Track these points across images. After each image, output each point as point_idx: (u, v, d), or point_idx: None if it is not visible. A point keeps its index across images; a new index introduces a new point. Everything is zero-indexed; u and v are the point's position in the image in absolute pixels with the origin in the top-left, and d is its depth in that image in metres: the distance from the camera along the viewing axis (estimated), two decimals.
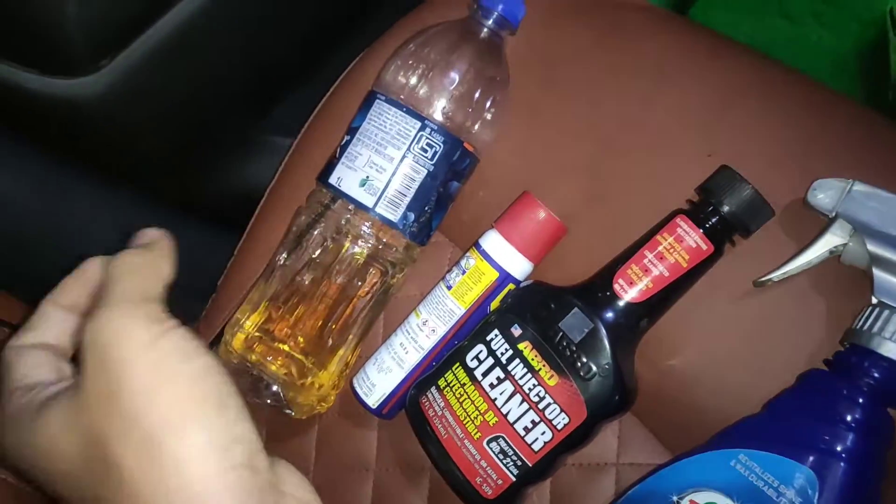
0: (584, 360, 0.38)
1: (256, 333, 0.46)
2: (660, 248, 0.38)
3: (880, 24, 0.77)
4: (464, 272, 0.44)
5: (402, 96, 0.44)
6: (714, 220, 0.38)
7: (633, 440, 0.42)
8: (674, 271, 0.38)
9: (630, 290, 0.38)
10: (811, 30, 0.86)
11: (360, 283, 0.46)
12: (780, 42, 0.86)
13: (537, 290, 0.41)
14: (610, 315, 0.38)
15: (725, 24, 0.88)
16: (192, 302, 0.58)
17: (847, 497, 0.31)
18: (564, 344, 0.38)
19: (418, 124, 0.43)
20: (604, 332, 0.38)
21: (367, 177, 0.43)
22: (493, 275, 0.43)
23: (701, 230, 0.38)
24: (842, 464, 0.31)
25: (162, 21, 0.48)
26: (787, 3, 0.87)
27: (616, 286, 0.39)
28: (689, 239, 0.38)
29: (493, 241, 0.43)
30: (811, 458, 0.32)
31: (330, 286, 0.45)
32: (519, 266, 0.43)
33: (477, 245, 0.44)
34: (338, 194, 0.44)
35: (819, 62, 0.83)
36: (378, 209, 0.43)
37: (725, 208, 0.38)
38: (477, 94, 0.44)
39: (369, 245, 0.44)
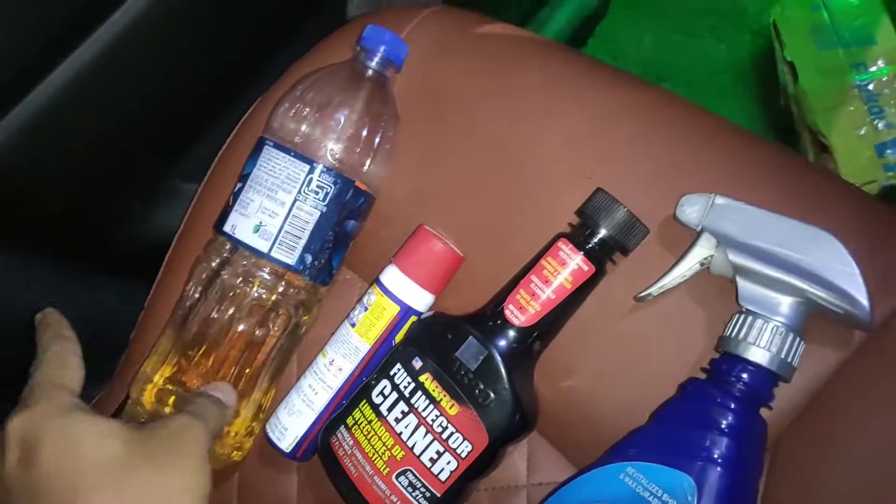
0: (482, 386, 0.39)
1: (168, 386, 0.46)
2: (545, 271, 0.40)
3: (769, 35, 0.82)
4: (366, 308, 0.44)
5: (290, 140, 0.45)
6: (593, 241, 0.40)
7: (541, 461, 0.43)
8: (560, 293, 0.39)
9: (520, 316, 0.40)
10: (709, 43, 0.90)
11: (267, 328, 0.46)
12: (680, 55, 0.90)
13: (435, 321, 0.42)
14: (503, 342, 0.40)
15: (629, 40, 0.92)
16: (108, 359, 0.57)
17: (724, 500, 0.32)
18: (462, 373, 0.39)
19: (307, 167, 0.43)
20: (498, 358, 0.39)
21: (261, 222, 0.44)
22: (395, 309, 0.44)
23: (582, 252, 0.39)
24: (719, 469, 0.33)
25: (52, 76, 0.48)
26: (686, 20, 0.91)
27: (507, 312, 0.40)
28: (571, 262, 0.39)
29: (392, 276, 0.44)
30: (691, 466, 0.33)
31: (238, 332, 0.45)
32: (419, 299, 0.44)
33: (377, 281, 0.45)
34: (233, 242, 0.44)
35: (719, 73, 0.88)
36: (273, 254, 0.43)
37: (603, 230, 0.39)
38: (365, 133, 0.45)
39: (272, 290, 0.45)
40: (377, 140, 0.46)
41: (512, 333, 0.40)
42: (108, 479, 0.29)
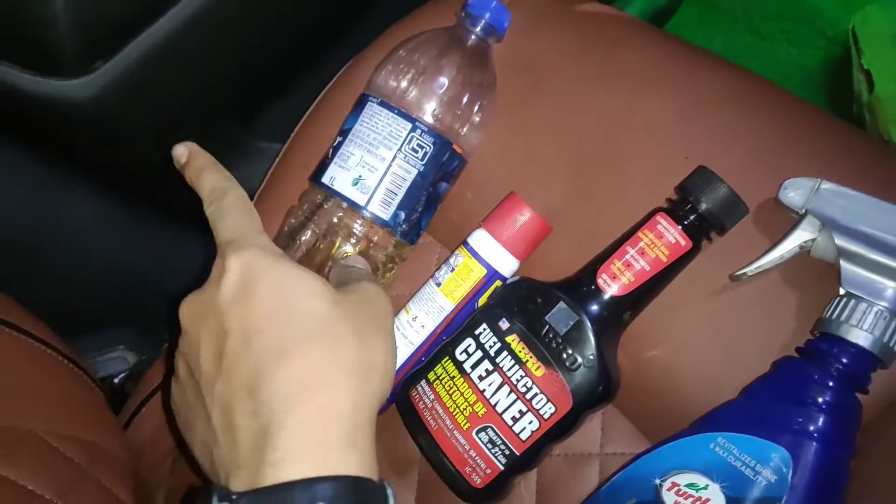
0: (570, 351, 0.39)
1: None
2: (641, 244, 0.40)
3: (844, 42, 0.81)
4: (453, 269, 0.45)
5: (393, 99, 0.45)
6: (692, 217, 0.40)
7: (615, 431, 0.44)
8: (654, 266, 0.40)
9: (613, 285, 0.40)
10: (780, 46, 0.89)
11: None
12: (749, 57, 0.90)
13: (524, 285, 0.43)
14: (594, 308, 0.40)
15: (698, 40, 0.92)
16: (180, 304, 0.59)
17: (819, 474, 0.33)
18: (551, 336, 0.40)
19: (409, 126, 0.44)
20: (588, 324, 0.40)
21: (360, 176, 0.44)
22: (482, 272, 0.44)
23: (680, 227, 0.40)
24: (814, 444, 0.33)
25: (156, 25, 0.49)
26: (757, 21, 0.91)
27: (600, 281, 0.40)
28: (668, 235, 0.40)
29: (481, 240, 0.45)
30: (785, 439, 0.34)
31: None
32: (506, 263, 0.44)
33: (465, 243, 0.45)
34: (330, 193, 0.45)
35: (787, 76, 0.87)
36: (370, 207, 0.44)
37: (703, 206, 0.40)
38: (465, 99, 0.46)
39: (360, 243, 0.46)
40: (476, 106, 0.47)
41: (603, 301, 0.40)
42: (319, 336, 0.30)
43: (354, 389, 0.30)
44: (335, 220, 0.46)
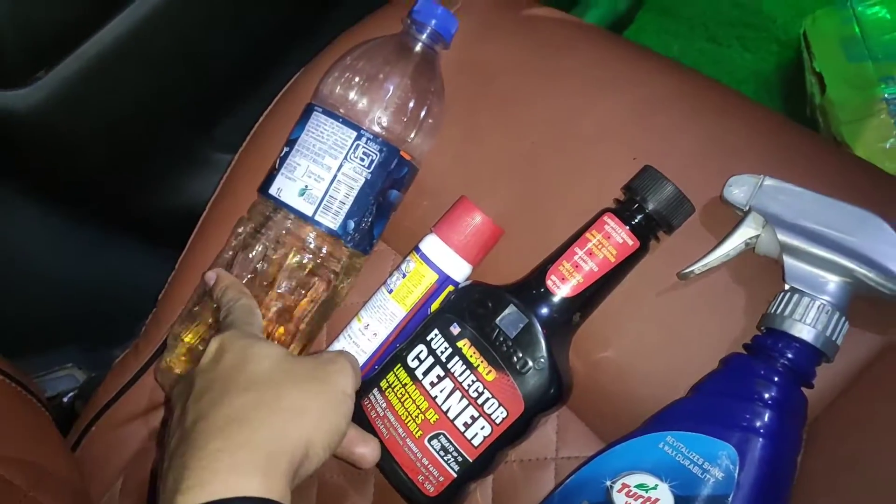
0: (521, 354, 0.39)
1: (200, 346, 0.46)
2: (589, 244, 0.40)
3: (797, 46, 0.83)
4: (404, 276, 0.45)
5: (339, 108, 0.45)
6: (639, 216, 0.40)
7: (570, 435, 0.43)
8: (603, 266, 0.40)
9: (562, 286, 0.40)
10: (735, 52, 0.91)
11: (304, 293, 0.46)
12: (706, 63, 0.91)
13: (475, 289, 0.43)
14: (544, 311, 0.40)
15: (656, 47, 0.93)
16: (132, 320, 0.57)
17: (765, 470, 0.33)
18: (501, 340, 0.40)
19: (354, 134, 0.44)
20: (538, 327, 0.39)
21: (306, 186, 0.44)
22: (433, 277, 0.44)
23: (627, 227, 0.40)
24: (760, 439, 0.33)
25: (101, 32, 0.49)
26: (713, 28, 0.92)
27: (549, 283, 0.40)
28: (616, 235, 0.40)
29: (432, 245, 0.44)
30: (733, 436, 0.34)
31: (275, 296, 0.45)
32: (458, 268, 0.44)
33: (417, 249, 0.45)
34: (278, 204, 0.45)
35: (743, 81, 0.89)
36: (317, 217, 0.44)
37: (650, 206, 0.40)
38: (412, 105, 0.46)
39: (312, 255, 0.45)
40: (423, 112, 0.47)
41: (553, 303, 0.40)
42: (255, 386, 0.34)
43: (276, 427, 0.33)
44: (284, 231, 0.45)
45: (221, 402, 0.33)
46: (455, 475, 0.39)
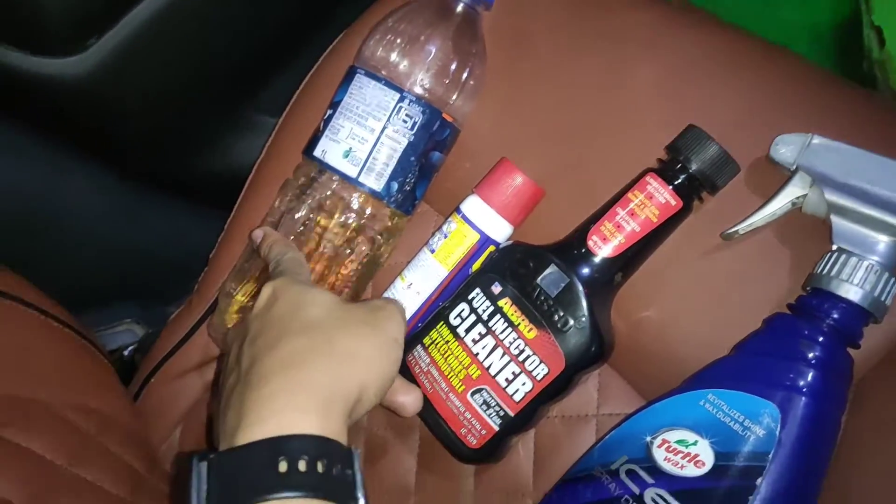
0: (561, 313, 0.40)
1: (250, 303, 0.48)
2: (631, 205, 0.40)
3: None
4: (446, 236, 0.45)
5: (381, 70, 0.45)
6: (682, 176, 0.40)
7: (612, 392, 0.44)
8: (645, 227, 0.40)
9: (604, 246, 0.40)
10: (788, 5, 0.87)
11: (348, 253, 0.47)
12: (757, 19, 0.88)
13: (516, 249, 0.43)
14: (585, 270, 0.40)
15: (705, 3, 0.90)
16: (185, 279, 0.60)
17: (807, 429, 0.33)
18: (542, 299, 0.40)
19: (397, 96, 0.44)
20: (579, 286, 0.40)
21: (350, 148, 0.45)
22: (474, 237, 0.45)
23: (670, 187, 0.40)
24: (803, 398, 0.33)
25: (146, 1, 0.50)
26: None
27: (590, 243, 0.40)
28: (658, 195, 0.40)
29: (473, 206, 0.45)
30: (775, 395, 0.34)
31: (319, 256, 0.47)
32: (499, 229, 0.45)
33: (458, 210, 0.46)
34: (323, 166, 0.46)
35: (796, 37, 0.85)
36: (361, 179, 0.44)
37: (693, 165, 0.39)
38: (454, 67, 0.46)
39: (356, 215, 0.46)
40: (465, 74, 0.47)
41: (594, 263, 0.40)
42: (308, 331, 0.35)
43: (331, 371, 0.34)
44: (329, 192, 0.46)
45: (277, 346, 0.34)
46: (497, 429, 0.41)
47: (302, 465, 0.29)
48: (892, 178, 0.35)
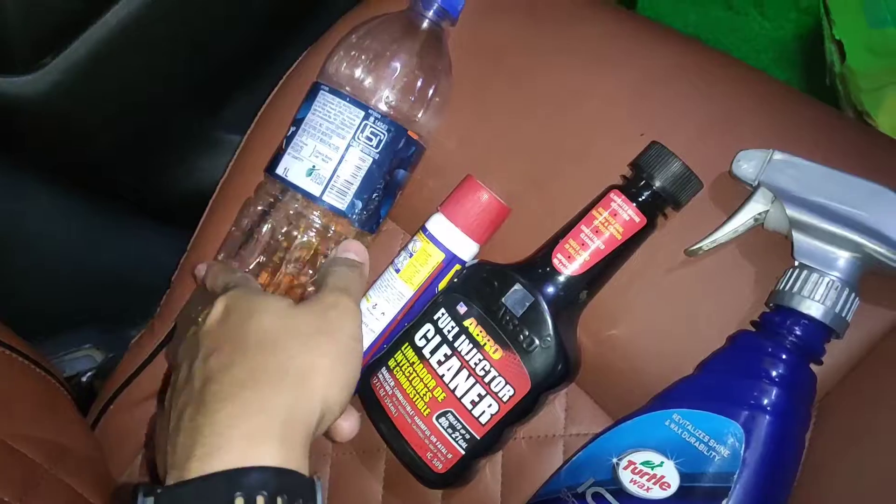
0: (527, 332, 0.39)
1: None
2: (595, 222, 0.40)
3: (816, 13, 0.80)
4: (411, 255, 0.45)
5: (345, 86, 0.45)
6: (646, 193, 0.40)
7: (579, 411, 0.43)
8: (609, 244, 0.39)
9: (569, 265, 0.40)
10: (753, 19, 0.89)
11: (311, 273, 0.46)
12: (723, 31, 0.89)
13: (482, 269, 0.43)
14: (550, 289, 0.40)
15: (672, 15, 0.91)
16: (148, 301, 0.58)
17: (772, 448, 0.33)
18: (507, 318, 0.40)
19: (362, 113, 0.44)
20: (545, 305, 0.39)
21: (314, 166, 0.44)
22: (440, 256, 0.44)
23: (634, 204, 0.39)
24: (767, 417, 0.33)
25: (104, 18, 0.49)
26: None
27: (555, 261, 0.40)
28: (622, 213, 0.39)
29: (438, 224, 0.44)
30: (739, 414, 0.33)
31: (283, 275, 0.46)
32: (465, 247, 0.44)
33: (423, 228, 0.45)
34: (285, 184, 0.45)
35: (761, 50, 0.87)
36: (325, 198, 0.44)
37: (657, 182, 0.39)
38: (419, 84, 0.45)
39: (320, 234, 0.45)
40: (431, 91, 0.46)
41: (559, 282, 0.40)
42: (262, 346, 0.34)
43: (290, 391, 0.32)
44: (292, 211, 0.45)
45: (231, 365, 0.32)
46: (463, 452, 0.40)
47: (260, 502, 0.28)
48: (851, 194, 0.35)
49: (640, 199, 0.40)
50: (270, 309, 0.35)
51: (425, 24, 0.47)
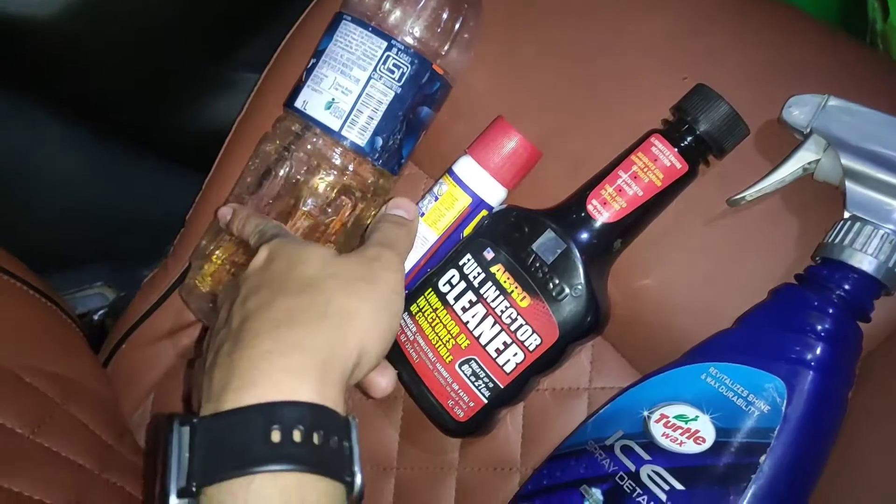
0: (557, 281, 0.37)
1: (225, 265, 0.45)
2: (634, 167, 0.38)
3: None
4: (436, 198, 0.43)
5: (369, 17, 0.43)
6: (689, 138, 0.38)
7: (605, 365, 0.42)
8: (648, 191, 0.38)
9: (604, 211, 0.38)
10: None
11: (331, 213, 0.45)
12: None
13: (510, 213, 0.41)
14: (584, 236, 0.38)
15: None
16: (161, 241, 0.57)
17: (814, 405, 0.31)
18: (537, 265, 0.38)
19: (384, 44, 0.41)
20: (577, 253, 0.38)
21: (333, 99, 0.42)
22: (467, 200, 0.42)
23: (676, 149, 0.37)
24: (811, 372, 0.31)
25: None
26: None
27: (590, 207, 0.38)
28: (663, 158, 0.37)
29: (466, 167, 0.42)
30: (781, 368, 0.32)
31: (302, 214, 0.44)
32: (492, 191, 0.42)
33: (450, 171, 0.43)
34: (303, 118, 0.43)
35: (800, 5, 0.83)
36: (344, 132, 0.42)
37: (701, 126, 0.37)
38: (445, 16, 0.43)
39: (340, 172, 0.43)
40: (458, 25, 0.44)
41: (593, 229, 0.38)
42: (302, 290, 0.33)
43: (328, 332, 0.31)
44: (310, 147, 0.43)
45: (270, 305, 0.32)
46: (486, 401, 0.39)
47: (297, 436, 0.27)
48: None
49: (682, 145, 0.38)
50: (314, 256, 0.35)
51: None
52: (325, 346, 0.31)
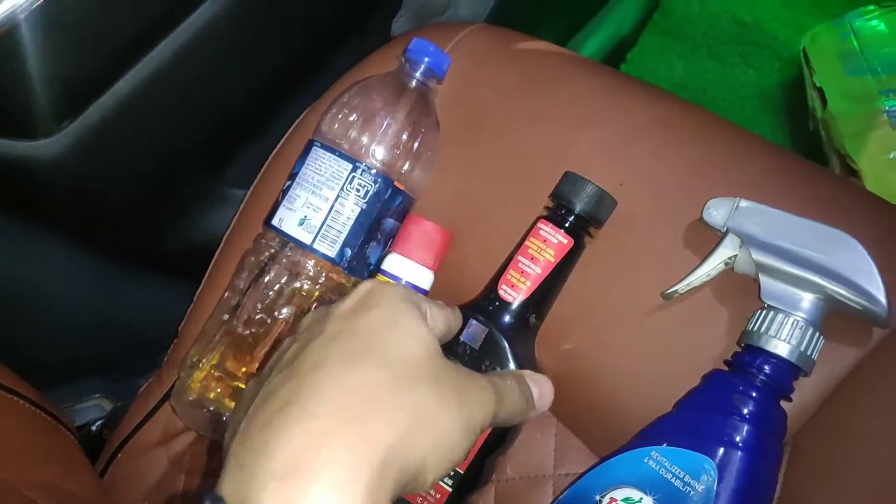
0: (487, 362, 0.41)
1: (214, 373, 0.49)
2: (529, 250, 0.43)
3: (798, 62, 0.84)
4: None
5: (336, 142, 0.48)
6: (570, 218, 0.43)
7: (568, 452, 0.45)
8: (545, 268, 0.42)
9: (514, 293, 0.42)
10: (738, 70, 0.92)
11: None
12: (710, 81, 0.92)
13: None
14: (503, 319, 0.42)
15: (660, 68, 0.95)
16: (155, 351, 0.60)
17: (744, 482, 0.34)
18: (468, 352, 0.42)
19: (350, 166, 0.46)
20: (498, 333, 0.42)
21: (305, 216, 0.47)
22: None
23: (561, 229, 0.42)
24: (738, 452, 0.34)
25: (117, 85, 0.52)
26: (716, 46, 0.94)
27: (501, 292, 0.43)
28: (551, 238, 0.42)
29: (392, 262, 0.48)
30: (713, 450, 0.35)
31: (282, 322, 0.48)
32: (420, 276, 0.47)
33: (380, 269, 0.48)
34: (279, 234, 0.47)
35: (747, 98, 0.90)
36: (316, 245, 0.46)
37: (577, 206, 0.42)
38: (405, 138, 0.48)
39: (314, 281, 0.48)
40: (416, 145, 0.49)
41: (509, 310, 0.42)
42: (393, 366, 0.28)
43: (400, 429, 0.27)
44: (287, 261, 0.48)
45: (349, 367, 0.27)
46: (450, 489, 0.41)
47: None
48: (813, 239, 0.37)
49: (566, 225, 0.43)
50: (421, 336, 0.30)
51: (413, 84, 0.50)
52: (391, 444, 0.26)
